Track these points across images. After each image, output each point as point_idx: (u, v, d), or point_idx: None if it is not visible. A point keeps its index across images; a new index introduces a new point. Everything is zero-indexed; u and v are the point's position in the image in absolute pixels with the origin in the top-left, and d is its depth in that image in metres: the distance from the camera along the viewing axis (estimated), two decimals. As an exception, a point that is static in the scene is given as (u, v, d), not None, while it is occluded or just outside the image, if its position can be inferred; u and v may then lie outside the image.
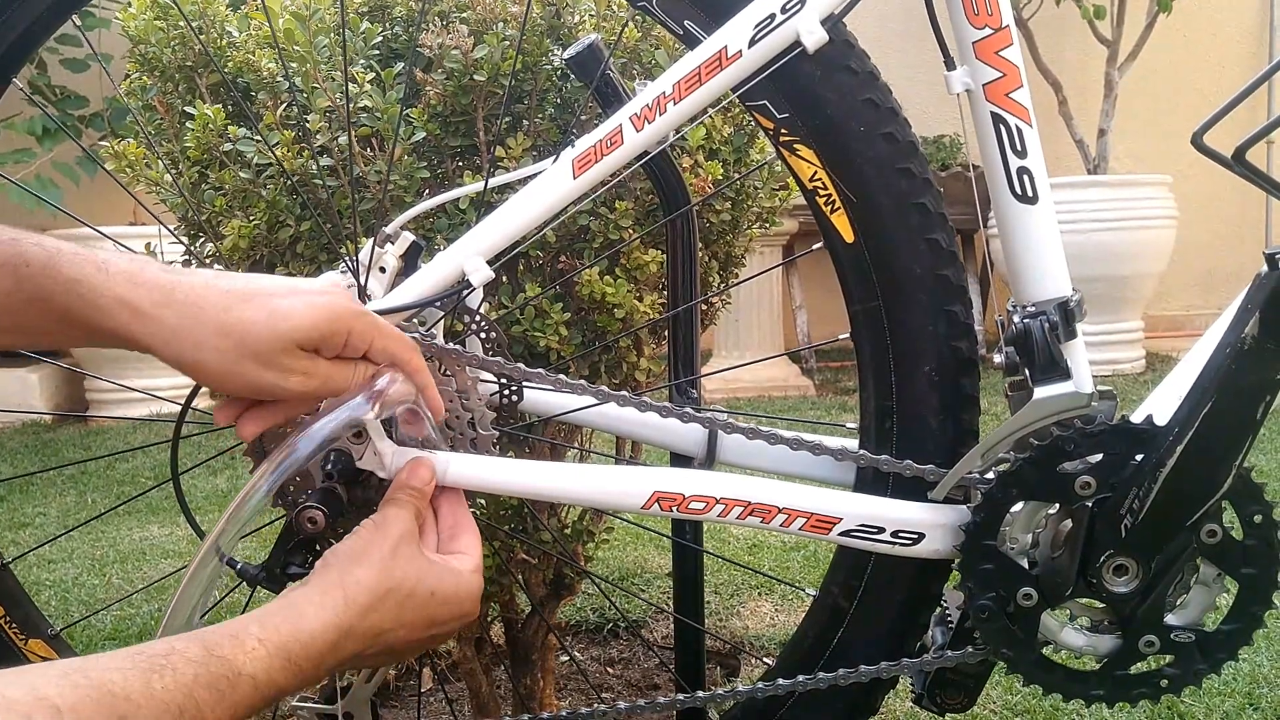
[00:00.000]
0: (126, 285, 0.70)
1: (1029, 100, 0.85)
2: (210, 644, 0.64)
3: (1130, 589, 0.86)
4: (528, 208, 0.86)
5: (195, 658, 0.62)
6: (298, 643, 0.68)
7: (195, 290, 0.72)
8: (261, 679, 0.65)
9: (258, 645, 0.66)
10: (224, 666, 0.63)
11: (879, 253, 0.87)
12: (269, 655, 0.66)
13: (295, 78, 1.16)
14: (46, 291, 0.70)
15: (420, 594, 0.76)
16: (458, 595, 0.79)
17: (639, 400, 0.90)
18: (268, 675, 0.66)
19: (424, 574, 0.77)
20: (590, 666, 1.75)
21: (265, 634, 0.67)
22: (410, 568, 0.76)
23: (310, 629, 0.69)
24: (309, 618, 0.70)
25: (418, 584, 0.76)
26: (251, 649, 0.66)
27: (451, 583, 0.78)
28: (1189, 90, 5.18)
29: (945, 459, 0.90)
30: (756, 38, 0.82)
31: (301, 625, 0.69)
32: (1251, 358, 0.79)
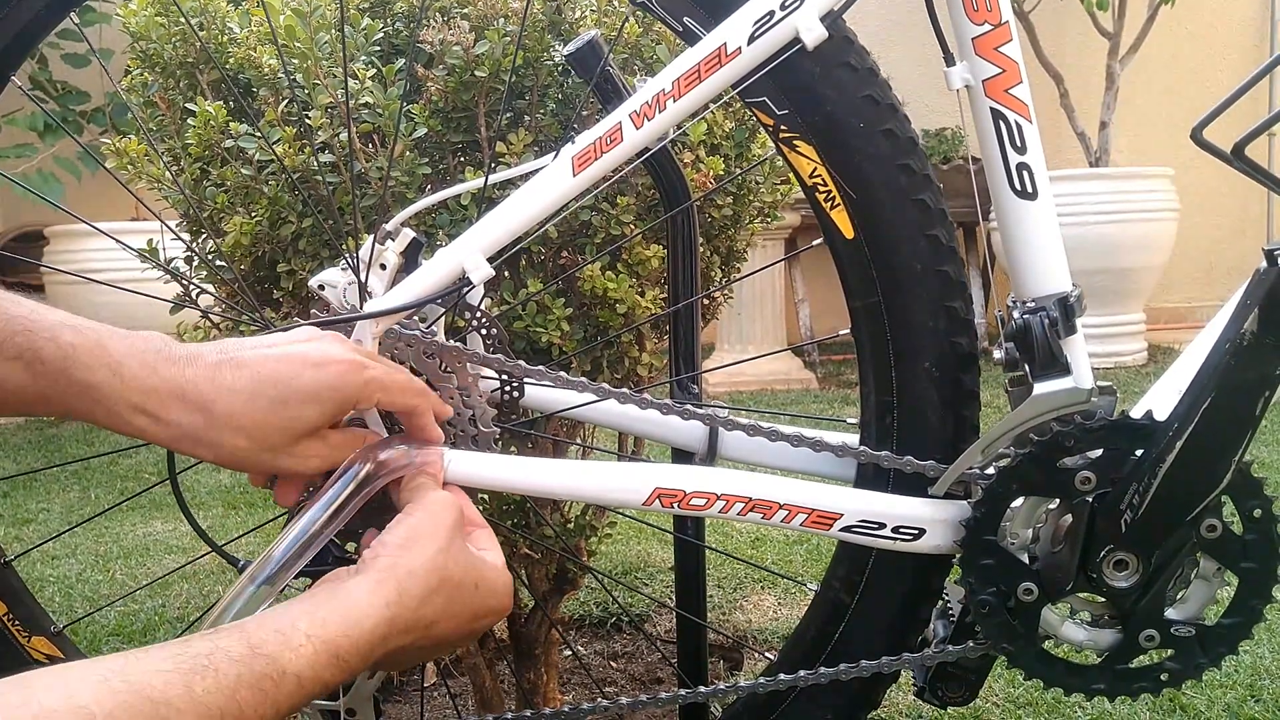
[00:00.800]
0: (140, 393, 0.72)
1: (1029, 96, 0.85)
2: (255, 641, 0.61)
3: (1130, 584, 0.87)
4: (528, 205, 0.86)
5: (238, 656, 0.60)
6: (348, 639, 0.65)
7: (204, 392, 0.73)
8: (307, 676, 0.62)
9: (305, 642, 0.63)
10: (269, 665, 0.61)
11: (879, 249, 0.87)
12: (316, 653, 0.63)
13: (296, 74, 1.16)
14: (61, 391, 0.71)
15: (468, 585, 0.74)
16: (497, 589, 0.77)
17: (639, 397, 0.90)
18: (314, 673, 0.63)
19: (471, 565, 0.75)
20: (594, 661, 1.75)
21: (314, 629, 0.64)
22: (461, 558, 0.75)
23: (361, 624, 0.66)
24: (360, 610, 0.67)
25: (465, 575, 0.74)
26: (298, 645, 0.63)
27: (493, 576, 0.77)
28: (1190, 82, 5.17)
29: (946, 454, 0.90)
30: (756, 34, 0.82)
31: (351, 618, 0.66)
32: (1251, 353, 0.79)
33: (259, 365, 0.75)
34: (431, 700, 1.63)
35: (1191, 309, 5.15)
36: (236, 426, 0.73)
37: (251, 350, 0.76)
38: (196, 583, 2.15)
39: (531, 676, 1.42)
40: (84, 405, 0.72)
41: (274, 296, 1.24)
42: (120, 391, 0.71)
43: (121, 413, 0.72)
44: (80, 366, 0.71)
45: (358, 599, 0.67)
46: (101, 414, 0.72)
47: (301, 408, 0.75)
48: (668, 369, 1.16)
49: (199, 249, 1.31)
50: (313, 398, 0.75)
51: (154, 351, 0.73)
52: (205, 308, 1.33)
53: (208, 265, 1.29)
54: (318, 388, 0.75)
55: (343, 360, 0.77)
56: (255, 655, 0.60)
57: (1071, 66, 4.73)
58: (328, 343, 0.79)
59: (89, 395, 0.71)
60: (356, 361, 0.78)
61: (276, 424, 0.74)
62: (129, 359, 0.72)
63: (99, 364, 0.71)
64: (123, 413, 0.72)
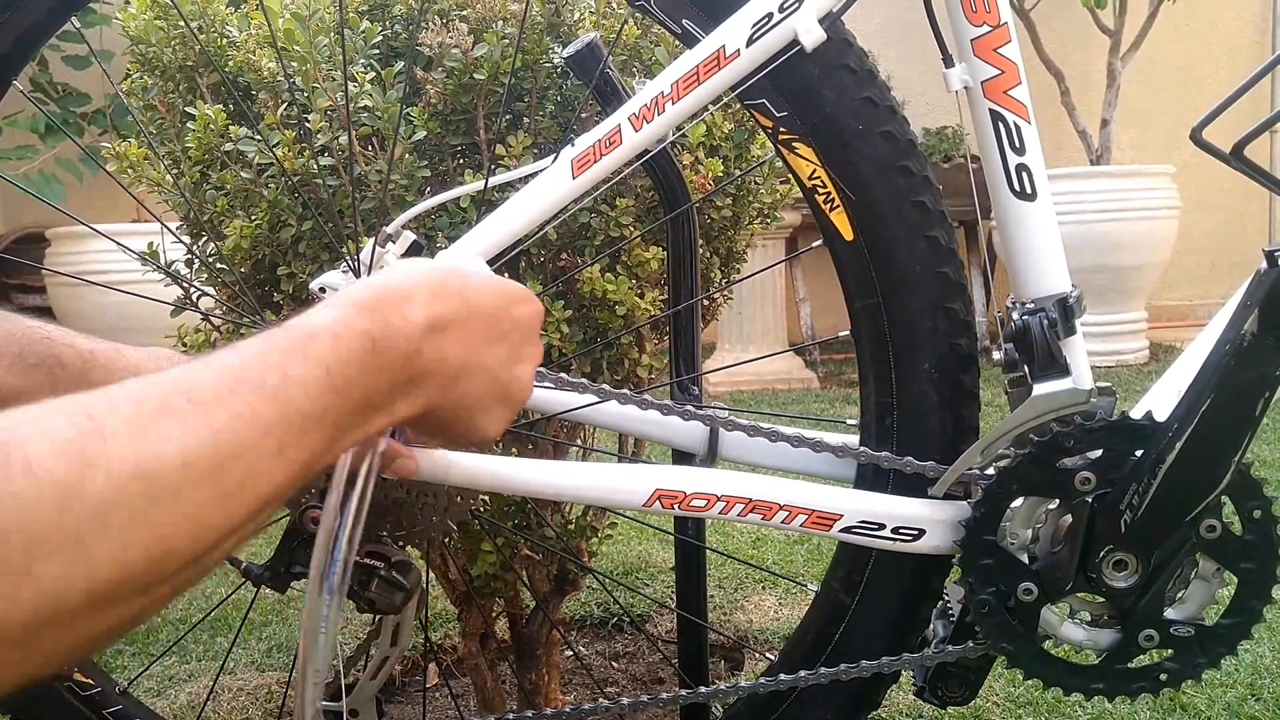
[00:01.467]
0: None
1: (1028, 97, 0.85)
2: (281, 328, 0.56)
3: (1130, 584, 0.87)
4: (527, 208, 0.86)
5: (266, 336, 0.54)
6: (364, 288, 0.60)
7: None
8: (338, 328, 0.56)
9: (322, 309, 0.58)
10: (295, 330, 0.55)
11: (878, 250, 0.88)
12: (335, 307, 0.58)
13: (295, 77, 1.16)
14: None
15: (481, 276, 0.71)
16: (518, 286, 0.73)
17: (640, 398, 0.91)
18: (343, 323, 0.56)
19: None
20: (595, 661, 1.76)
21: (327, 301, 0.59)
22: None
23: (371, 281, 0.62)
24: (366, 280, 0.63)
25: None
26: (317, 312, 0.58)
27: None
28: (1192, 80, 5.17)
29: (945, 455, 0.90)
30: (754, 37, 0.82)
31: (359, 284, 0.62)
32: (1250, 354, 0.79)
33: None
34: (433, 701, 1.63)
35: (1193, 307, 5.15)
36: None
37: None
38: (200, 583, 2.15)
39: (533, 677, 1.42)
40: None
41: (274, 299, 1.24)
42: None
43: None
44: (99, 369, 0.72)
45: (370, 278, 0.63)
46: None
47: None
48: (668, 370, 1.16)
49: (199, 252, 1.31)
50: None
51: (167, 357, 0.76)
52: (206, 310, 1.34)
53: (208, 268, 1.29)
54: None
55: None
56: (280, 329, 0.55)
57: (1072, 64, 4.73)
58: None
59: None
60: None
61: None
62: (145, 363, 0.74)
63: (117, 367, 0.73)
64: None
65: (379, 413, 0.59)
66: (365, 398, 0.57)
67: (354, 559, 0.80)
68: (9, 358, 0.71)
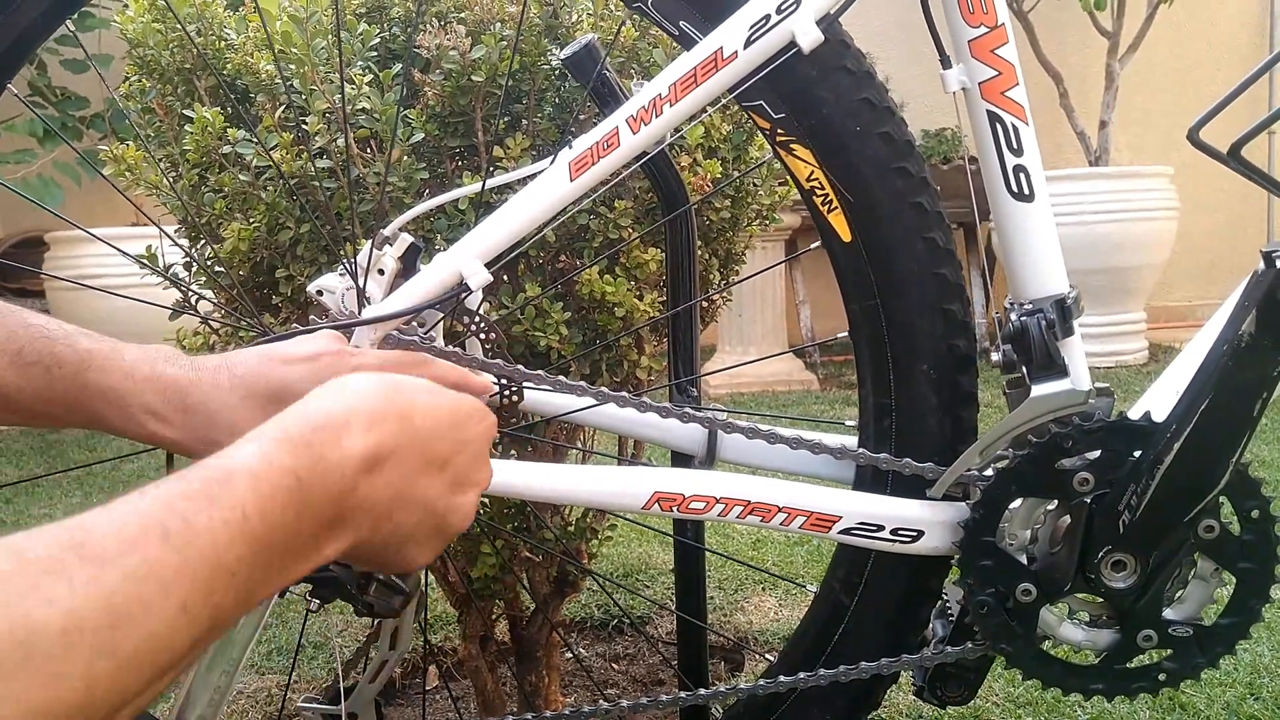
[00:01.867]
0: (150, 394, 0.73)
1: (1025, 98, 0.85)
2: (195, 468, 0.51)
3: (1128, 584, 0.87)
4: (525, 210, 0.86)
5: (178, 479, 0.50)
6: (297, 416, 0.56)
7: (205, 393, 0.75)
8: (259, 467, 0.51)
9: (246, 443, 0.53)
10: (210, 471, 0.50)
11: (876, 252, 0.88)
12: (262, 440, 0.53)
13: (293, 80, 1.16)
14: (76, 395, 0.73)
15: (424, 386, 0.65)
16: (471, 400, 0.69)
17: (638, 401, 0.91)
18: (265, 460, 0.52)
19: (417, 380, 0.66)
20: (595, 663, 1.75)
21: (256, 432, 0.55)
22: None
23: (306, 405, 0.58)
24: (304, 402, 0.59)
25: (415, 380, 0.66)
26: (244, 445, 0.53)
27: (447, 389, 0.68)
28: (1190, 81, 5.17)
29: (944, 456, 0.90)
30: (752, 39, 0.82)
31: (304, 407, 0.58)
32: (1248, 355, 0.79)
33: (251, 365, 0.77)
34: (433, 704, 1.63)
35: (1192, 307, 5.15)
36: (232, 424, 0.74)
37: (248, 353, 0.78)
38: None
39: (533, 679, 1.42)
40: (99, 408, 0.73)
41: (273, 302, 1.24)
42: (134, 393, 0.73)
43: (135, 415, 0.73)
44: (96, 370, 0.73)
45: (308, 398, 0.59)
46: (116, 417, 0.73)
47: (293, 400, 0.74)
48: (666, 372, 1.16)
49: (198, 255, 1.31)
50: (303, 391, 0.75)
51: (163, 359, 0.76)
52: (205, 313, 1.34)
53: (206, 271, 1.29)
54: (307, 380, 0.76)
55: (329, 351, 0.78)
56: (195, 469, 0.51)
57: (1071, 66, 4.73)
58: (318, 338, 0.81)
59: (104, 398, 0.73)
60: (343, 352, 0.79)
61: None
62: (141, 363, 0.74)
63: (114, 368, 0.73)
64: (136, 415, 0.73)
65: (301, 559, 0.53)
66: (286, 544, 0.51)
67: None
68: (9, 355, 0.71)
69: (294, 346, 0.79)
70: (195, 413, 0.74)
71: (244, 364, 0.76)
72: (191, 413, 0.74)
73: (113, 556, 0.43)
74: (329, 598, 0.89)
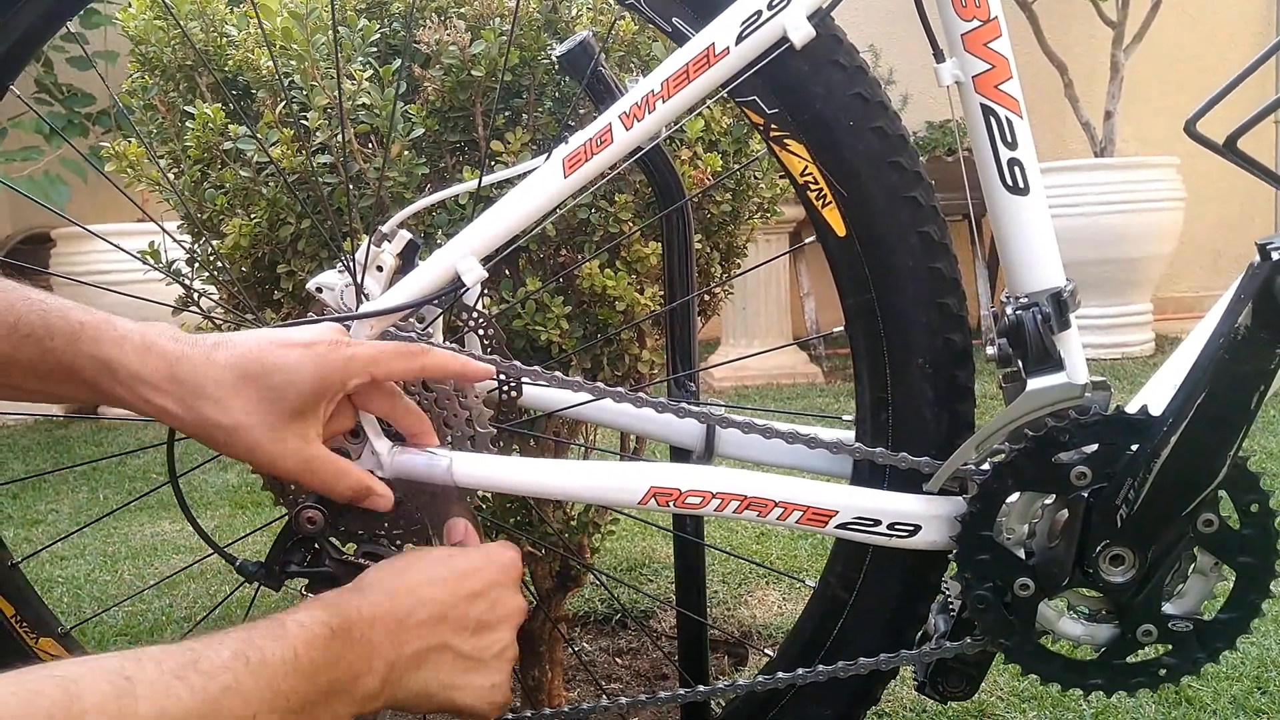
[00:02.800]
0: (139, 365, 0.74)
1: (1019, 91, 0.85)
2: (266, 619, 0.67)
3: (1127, 579, 0.86)
4: (520, 206, 0.86)
5: (251, 625, 0.65)
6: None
7: (197, 369, 0.75)
8: (304, 618, 0.67)
9: (300, 607, 0.69)
10: (275, 620, 0.66)
11: (871, 246, 0.87)
12: (310, 602, 0.70)
13: (294, 76, 1.16)
14: (70, 364, 0.74)
15: (438, 554, 0.80)
16: (472, 552, 0.82)
17: (634, 396, 0.91)
18: (308, 613, 0.68)
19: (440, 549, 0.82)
20: (599, 657, 1.76)
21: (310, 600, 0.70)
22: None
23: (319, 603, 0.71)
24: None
25: (431, 550, 0.82)
26: (296, 608, 0.69)
27: (465, 549, 0.83)
28: (1196, 71, 5.14)
29: (940, 451, 0.90)
30: (743, 34, 0.82)
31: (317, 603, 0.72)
32: (1245, 348, 0.79)
33: (248, 345, 0.77)
34: (437, 698, 1.63)
35: (1199, 298, 5.13)
36: (217, 399, 0.75)
37: (247, 334, 0.79)
38: (203, 582, 2.16)
39: (536, 674, 1.42)
40: (92, 376, 0.74)
41: (275, 297, 1.25)
42: (124, 362, 0.74)
43: (128, 383, 0.74)
44: (89, 340, 0.73)
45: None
46: (110, 385, 0.74)
47: (283, 384, 0.76)
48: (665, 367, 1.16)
49: (200, 251, 1.31)
50: (293, 374, 0.76)
51: (156, 333, 0.76)
52: (207, 309, 1.34)
53: (208, 267, 1.29)
54: (300, 365, 0.77)
55: (325, 340, 0.79)
56: (266, 620, 0.67)
57: (1075, 56, 4.71)
58: (320, 328, 0.82)
59: (96, 367, 0.74)
60: (339, 341, 0.80)
61: (257, 400, 0.76)
62: (133, 334, 0.75)
63: (106, 338, 0.74)
64: (129, 383, 0.74)
65: (343, 695, 0.68)
66: (328, 680, 0.66)
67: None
68: (5, 326, 0.72)
69: (293, 333, 0.80)
70: (183, 383, 0.75)
71: (242, 343, 0.77)
72: (180, 383, 0.74)
73: (215, 673, 0.59)
74: (325, 593, 0.90)
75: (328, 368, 0.78)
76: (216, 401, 0.75)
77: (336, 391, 0.79)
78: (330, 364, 0.78)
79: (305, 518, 0.85)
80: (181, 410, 0.75)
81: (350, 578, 0.88)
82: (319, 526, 0.86)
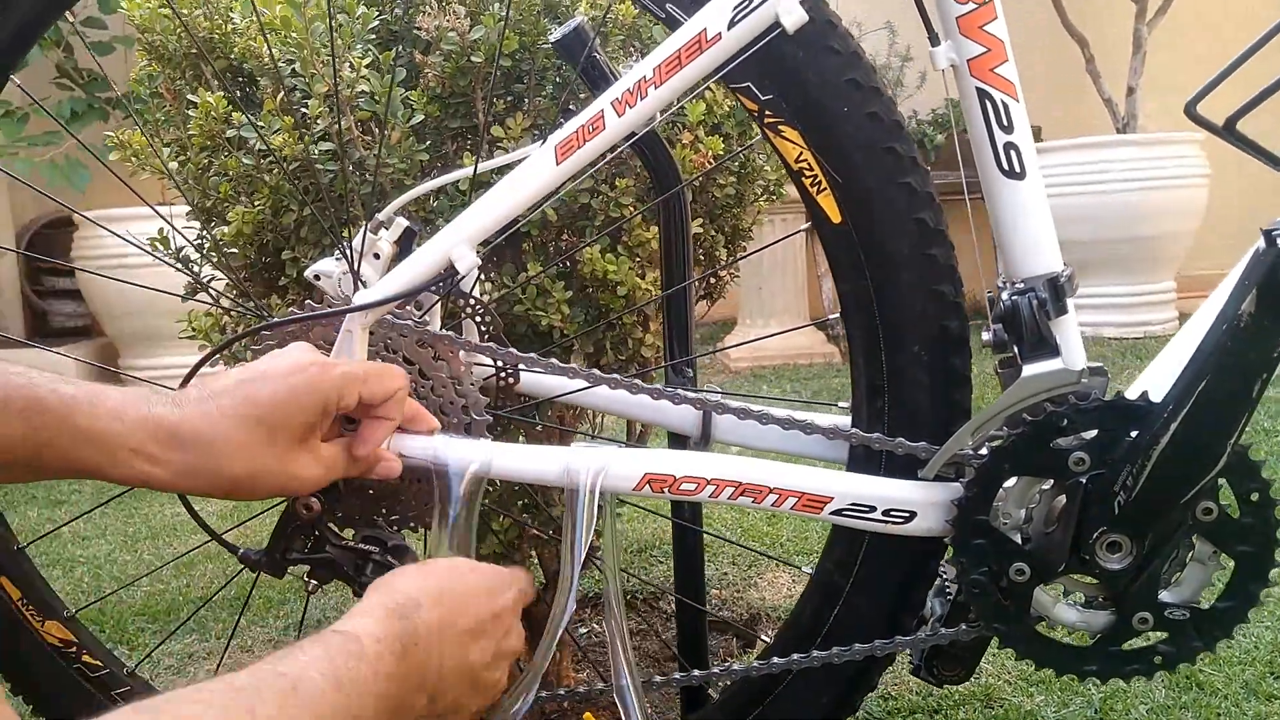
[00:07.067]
0: (139, 434, 0.73)
1: (1015, 75, 0.84)
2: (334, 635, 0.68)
3: (1124, 566, 0.86)
4: (513, 194, 0.86)
5: (328, 641, 0.67)
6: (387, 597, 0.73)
7: (196, 426, 0.75)
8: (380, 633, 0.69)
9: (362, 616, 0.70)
10: (347, 638, 0.67)
11: (866, 233, 0.87)
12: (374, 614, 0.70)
13: (296, 62, 1.16)
14: (64, 442, 0.72)
15: (460, 567, 0.81)
16: (495, 569, 0.83)
17: (629, 383, 0.91)
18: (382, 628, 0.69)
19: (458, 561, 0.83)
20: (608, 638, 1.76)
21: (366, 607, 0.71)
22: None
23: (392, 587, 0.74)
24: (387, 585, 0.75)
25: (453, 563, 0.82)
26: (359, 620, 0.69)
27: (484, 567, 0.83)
28: (1219, 45, 5.05)
29: (937, 436, 0.90)
30: (736, 19, 0.81)
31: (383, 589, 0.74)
32: (1248, 335, 0.78)
33: (236, 391, 0.77)
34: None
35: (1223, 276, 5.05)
36: (230, 452, 0.75)
37: (227, 380, 0.78)
38: (220, 563, 2.18)
39: (543, 656, 1.43)
40: (86, 454, 0.73)
41: (280, 283, 1.25)
42: (121, 435, 0.73)
43: (122, 457, 0.73)
44: (82, 415, 0.72)
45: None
46: (104, 461, 0.73)
47: (286, 417, 0.77)
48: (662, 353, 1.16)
49: (208, 238, 1.32)
50: (293, 404, 0.77)
51: (144, 398, 0.75)
52: (217, 293, 1.35)
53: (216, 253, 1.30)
54: (295, 393, 0.77)
55: (313, 363, 0.79)
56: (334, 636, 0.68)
57: (1097, 30, 4.64)
58: (295, 352, 0.82)
59: (92, 443, 0.72)
60: (326, 362, 0.80)
61: (266, 439, 0.76)
62: (125, 405, 0.74)
63: (100, 411, 0.73)
64: (125, 458, 0.73)
65: (407, 710, 0.71)
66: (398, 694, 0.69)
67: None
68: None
69: (270, 364, 0.79)
70: (189, 447, 0.74)
71: (227, 393, 0.77)
72: (186, 447, 0.74)
73: (317, 695, 0.61)
74: (326, 578, 0.91)
75: (327, 389, 0.78)
76: (229, 456, 0.75)
77: (333, 409, 0.80)
78: (328, 384, 0.78)
79: (301, 505, 0.86)
80: (180, 476, 0.75)
81: (351, 563, 0.89)
82: (315, 513, 0.86)
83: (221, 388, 0.77)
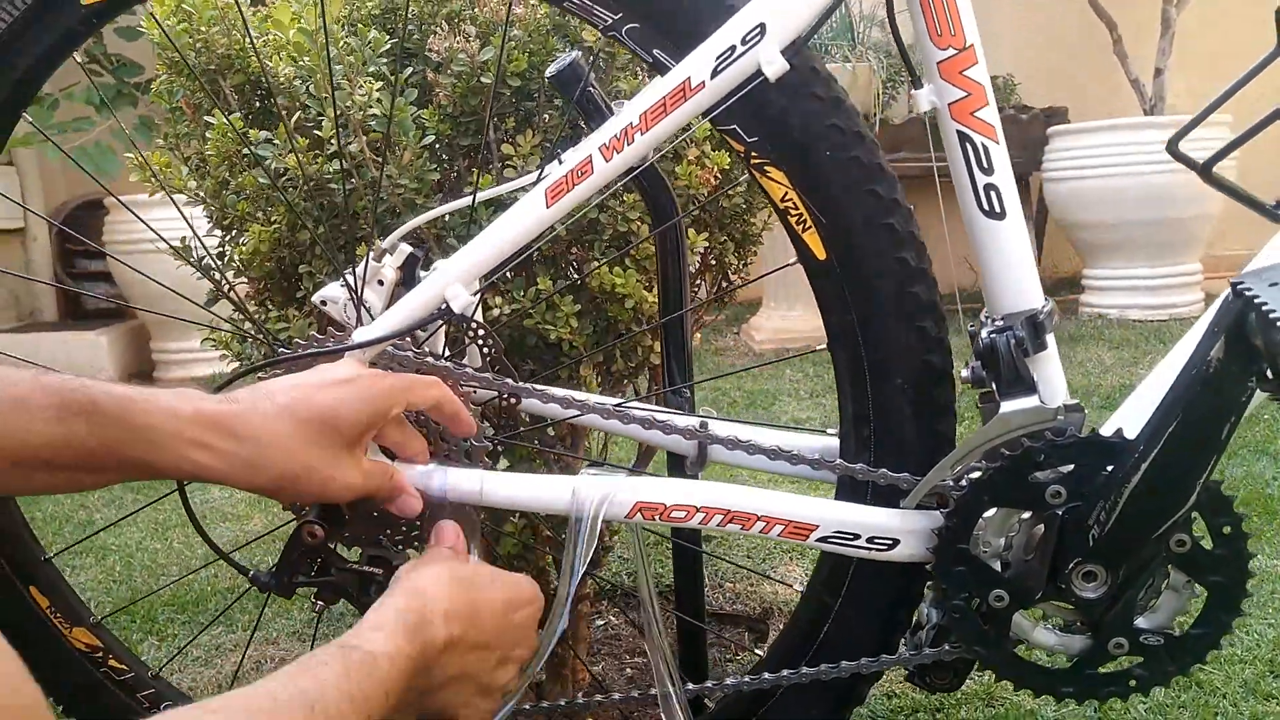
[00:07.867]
0: (196, 426, 0.76)
1: (995, 118, 0.86)
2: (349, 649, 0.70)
3: (1099, 595, 0.88)
4: (507, 233, 0.89)
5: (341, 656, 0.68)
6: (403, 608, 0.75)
7: (250, 422, 0.78)
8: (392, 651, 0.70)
9: (373, 630, 0.72)
10: (362, 654, 0.69)
11: (850, 270, 0.89)
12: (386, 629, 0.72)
13: (310, 83, 1.19)
14: (118, 438, 0.75)
15: (483, 575, 0.84)
16: (517, 578, 0.86)
17: (623, 411, 0.94)
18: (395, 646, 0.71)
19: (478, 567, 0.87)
20: (624, 630, 1.80)
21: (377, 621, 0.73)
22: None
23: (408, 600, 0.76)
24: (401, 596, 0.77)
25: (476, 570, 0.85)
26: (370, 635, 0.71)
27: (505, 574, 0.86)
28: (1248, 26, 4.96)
29: (921, 464, 0.92)
30: (719, 69, 0.83)
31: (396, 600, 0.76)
32: (1217, 380, 0.80)
33: (292, 392, 0.81)
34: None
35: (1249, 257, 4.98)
36: (284, 450, 0.79)
37: (279, 385, 0.82)
38: (248, 552, 2.24)
39: (560, 649, 1.47)
40: (142, 449, 0.75)
41: (298, 294, 1.29)
42: (178, 428, 0.76)
43: (180, 449, 0.76)
44: (138, 412, 0.75)
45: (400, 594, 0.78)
46: (159, 455, 0.76)
47: (337, 420, 0.81)
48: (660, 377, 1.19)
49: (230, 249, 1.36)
50: (345, 409, 0.81)
51: (196, 395, 0.79)
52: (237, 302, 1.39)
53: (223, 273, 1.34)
54: (347, 400, 0.81)
55: (365, 374, 0.84)
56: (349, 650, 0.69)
57: (1125, 11, 4.58)
58: (345, 364, 0.86)
59: (147, 437, 0.75)
60: (376, 373, 0.85)
61: (315, 439, 0.80)
62: (179, 400, 0.77)
63: (153, 408, 0.76)
64: (181, 449, 0.76)
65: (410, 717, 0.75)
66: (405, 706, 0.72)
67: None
68: (52, 409, 0.73)
69: (324, 373, 0.84)
70: (246, 441, 0.77)
71: (283, 392, 0.80)
72: (242, 441, 0.77)
73: (336, 716, 0.63)
74: (333, 599, 0.95)
75: (377, 398, 0.82)
76: (285, 450, 0.78)
77: (383, 418, 0.84)
78: (378, 394, 0.83)
79: (306, 532, 0.90)
80: (238, 469, 0.78)
81: (356, 585, 0.93)
82: (319, 539, 0.90)
83: (276, 389, 0.81)
